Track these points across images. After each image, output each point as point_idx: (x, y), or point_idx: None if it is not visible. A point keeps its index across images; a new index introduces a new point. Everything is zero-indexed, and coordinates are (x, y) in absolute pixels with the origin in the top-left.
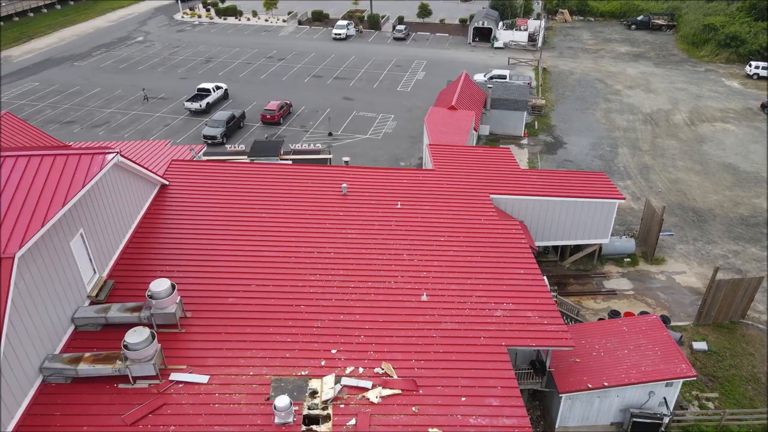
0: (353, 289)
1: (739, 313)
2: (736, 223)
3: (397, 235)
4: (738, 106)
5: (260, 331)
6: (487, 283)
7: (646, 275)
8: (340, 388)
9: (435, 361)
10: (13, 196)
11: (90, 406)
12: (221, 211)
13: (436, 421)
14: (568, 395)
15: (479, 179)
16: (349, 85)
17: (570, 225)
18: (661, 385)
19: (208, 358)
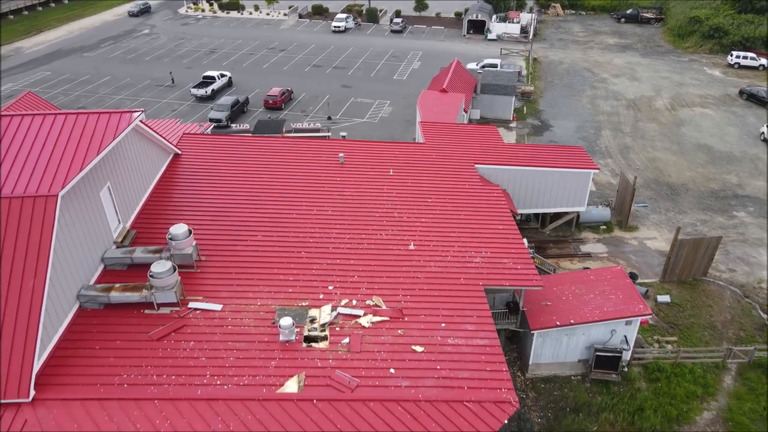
0: (348, 240)
1: (702, 271)
2: (707, 196)
3: (388, 196)
4: (717, 93)
5: (266, 271)
6: (469, 236)
7: (619, 240)
8: (336, 315)
9: (419, 296)
10: (55, 145)
11: (120, 326)
12: (230, 175)
13: (419, 341)
14: (539, 332)
15: (465, 151)
16: (348, 74)
17: (549, 193)
18: (622, 323)
19: (221, 292)
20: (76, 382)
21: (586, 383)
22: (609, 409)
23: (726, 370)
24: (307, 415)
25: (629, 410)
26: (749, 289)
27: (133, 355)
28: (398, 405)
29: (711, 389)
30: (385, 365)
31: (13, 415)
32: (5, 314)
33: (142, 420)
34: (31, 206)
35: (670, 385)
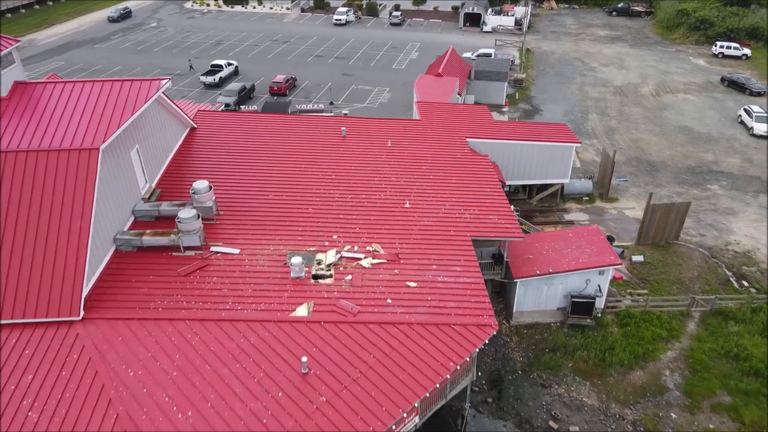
0: (350, 199)
1: (673, 235)
2: (684, 171)
3: (386, 164)
4: (700, 80)
5: (277, 224)
6: (459, 197)
7: (601, 210)
8: (340, 258)
9: (413, 245)
10: (95, 107)
11: (152, 265)
12: (243, 145)
13: (413, 279)
14: (521, 281)
15: (458, 127)
16: (349, 63)
17: (535, 165)
18: (595, 273)
19: (238, 239)
20: (117, 306)
21: (564, 329)
22: (583, 348)
23: (690, 318)
24: (316, 334)
25: (601, 349)
26: (717, 251)
27: (165, 287)
28: (394, 327)
29: (675, 333)
30: (382, 296)
31: (66, 330)
32: (57, 249)
33: (175, 335)
34: (77, 158)
35: (639, 329)
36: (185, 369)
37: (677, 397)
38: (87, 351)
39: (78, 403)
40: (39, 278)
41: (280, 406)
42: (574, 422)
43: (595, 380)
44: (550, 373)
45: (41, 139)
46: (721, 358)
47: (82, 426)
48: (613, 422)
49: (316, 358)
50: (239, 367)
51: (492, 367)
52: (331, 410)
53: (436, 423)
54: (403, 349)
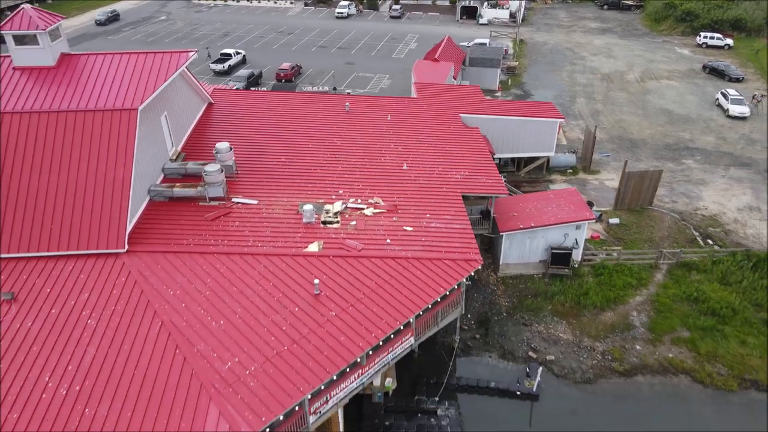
0: (354, 162)
1: (648, 201)
2: (662, 148)
3: (386, 134)
4: (684, 68)
5: (289, 181)
6: (451, 161)
7: (583, 181)
8: (345, 208)
9: (410, 198)
10: (132, 74)
11: (182, 212)
12: (257, 117)
13: (409, 224)
14: (507, 234)
15: (452, 104)
16: (350, 53)
17: (522, 139)
18: (572, 227)
19: (255, 193)
20: (155, 242)
21: (545, 279)
22: (561, 294)
23: (658, 269)
24: (325, 265)
25: (577, 294)
26: (686, 214)
27: (195, 229)
28: (393, 260)
29: (644, 281)
30: (383, 238)
31: (114, 260)
32: (105, 193)
33: (206, 265)
34: (119, 116)
35: (612, 278)
36: (216, 290)
37: (642, 332)
38: (132, 276)
39: (129, 314)
40: (90, 217)
41: (297, 317)
42: (550, 353)
43: (571, 320)
44: (531, 315)
45: (87, 101)
46: (683, 301)
47: (134, 330)
48: (585, 353)
49: (325, 283)
50: (261, 289)
51: (480, 310)
52: (339, 321)
53: (432, 354)
54: (401, 278)
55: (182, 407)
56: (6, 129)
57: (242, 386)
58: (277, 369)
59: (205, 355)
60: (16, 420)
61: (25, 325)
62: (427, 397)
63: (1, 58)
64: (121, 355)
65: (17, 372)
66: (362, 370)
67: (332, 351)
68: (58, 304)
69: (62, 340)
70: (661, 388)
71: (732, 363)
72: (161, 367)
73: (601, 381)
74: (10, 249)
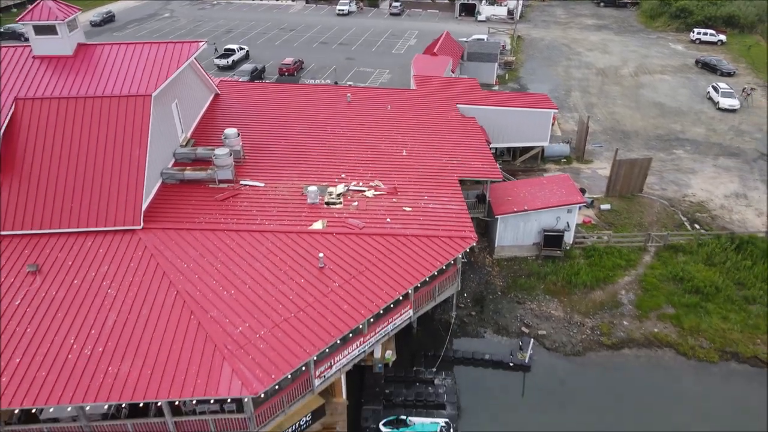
0: (355, 148)
1: (638, 188)
2: (653, 139)
3: (386, 123)
4: (677, 63)
5: (294, 166)
6: (448, 148)
7: (577, 170)
8: (347, 190)
9: (409, 182)
10: (146, 63)
11: (193, 193)
12: (262, 107)
13: (408, 205)
14: (501, 217)
15: (450, 95)
16: (351, 49)
17: (517, 129)
18: (564, 211)
19: (262, 176)
20: (169, 219)
21: (538, 260)
22: (553, 274)
23: (646, 252)
24: (329, 241)
25: (568, 274)
26: (675, 201)
27: (205, 209)
28: (393, 237)
29: (633, 262)
30: (383, 217)
31: (130, 236)
32: (121, 173)
33: (217, 240)
34: (134, 102)
35: (602, 260)
36: (226, 263)
37: (630, 309)
38: (148, 250)
39: (146, 284)
40: (107, 196)
41: (302, 288)
42: (542, 328)
43: (562, 298)
44: (525, 294)
45: (104, 88)
46: (669, 280)
47: (151, 298)
48: (575, 328)
49: (329, 258)
50: (269, 263)
51: (476, 290)
52: (343, 292)
53: (430, 330)
54: (400, 253)
55: (198, 365)
56: (28, 114)
57: (253, 348)
58: (285, 333)
59: (218, 320)
60: (45, 377)
61: (50, 294)
62: (425, 368)
63: (21, 48)
64: (140, 320)
65: (44, 334)
66: (364, 338)
67: (336, 317)
68: (80, 276)
69: (85, 307)
70: (647, 360)
71: (714, 337)
72: (177, 330)
73: (590, 354)
74: (33, 226)
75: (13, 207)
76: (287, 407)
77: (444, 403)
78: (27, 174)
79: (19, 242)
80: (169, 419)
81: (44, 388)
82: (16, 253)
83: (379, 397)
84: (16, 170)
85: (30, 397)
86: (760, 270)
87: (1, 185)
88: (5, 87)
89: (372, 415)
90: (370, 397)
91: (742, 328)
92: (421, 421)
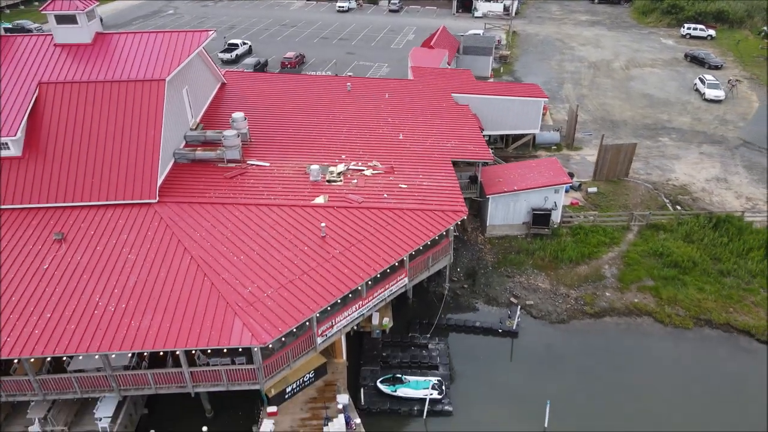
0: (355, 132)
1: (624, 172)
2: (641, 128)
3: (384, 110)
4: (667, 57)
5: (297, 148)
6: (443, 133)
7: (566, 156)
8: (347, 169)
9: (405, 163)
10: (160, 50)
11: (204, 172)
12: (266, 95)
13: (404, 182)
14: (492, 197)
15: (445, 85)
16: (351, 44)
17: (509, 117)
18: (552, 191)
19: (267, 157)
20: (182, 194)
21: (527, 239)
22: (541, 250)
23: (630, 230)
24: (330, 214)
25: (555, 250)
26: (659, 184)
27: (215, 185)
28: (390, 211)
29: (616, 240)
30: (380, 193)
31: (147, 209)
32: (138, 150)
33: (226, 213)
34: (149, 86)
35: (587, 237)
36: (236, 232)
37: (612, 282)
38: (164, 221)
39: (162, 251)
40: (126, 172)
41: (306, 254)
42: (530, 299)
43: (549, 272)
44: (514, 268)
45: (122, 73)
46: (650, 256)
47: (168, 263)
48: (560, 299)
49: (330, 228)
50: (274, 232)
51: (468, 265)
52: (343, 258)
53: (424, 301)
54: (396, 225)
55: (212, 320)
56: (51, 97)
57: (261, 305)
58: (290, 293)
59: (229, 281)
60: (74, 330)
61: (75, 259)
62: (420, 334)
63: (44, 36)
64: (158, 281)
65: (71, 294)
66: (362, 302)
67: (337, 280)
68: (101, 243)
69: (108, 270)
70: (626, 327)
71: (689, 306)
72: (192, 290)
73: (574, 321)
74: (57, 199)
75: (39, 182)
76: (292, 362)
77: (437, 364)
78: (51, 152)
79: (45, 214)
80: (186, 369)
81: (74, 339)
82: (42, 223)
83: (377, 360)
84: (41, 149)
85: (61, 345)
86: (735, 246)
87: (28, 163)
88: (30, 72)
89: (370, 375)
90: (369, 359)
91: (716, 298)
92: (416, 380)
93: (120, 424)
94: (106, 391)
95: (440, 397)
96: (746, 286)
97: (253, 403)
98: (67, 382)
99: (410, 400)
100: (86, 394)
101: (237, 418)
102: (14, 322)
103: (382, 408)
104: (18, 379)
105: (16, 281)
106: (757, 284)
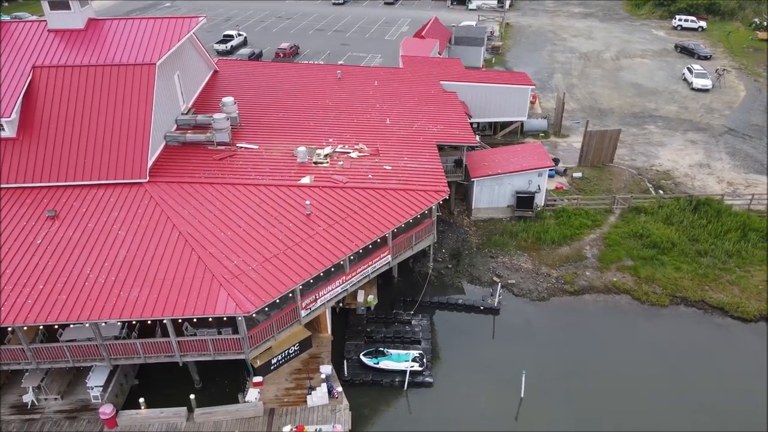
0: (343, 117)
1: (609, 158)
2: (628, 116)
3: (373, 96)
4: (657, 48)
5: (286, 132)
6: (429, 118)
7: (554, 143)
8: (334, 151)
9: (391, 146)
10: (151, 35)
11: (194, 154)
12: (258, 82)
13: (389, 164)
14: (477, 180)
15: (434, 73)
16: (346, 35)
17: (497, 105)
18: (535, 175)
19: (256, 140)
20: (172, 174)
21: (512, 221)
22: (524, 232)
23: (612, 213)
24: (315, 194)
25: (538, 232)
26: (643, 170)
27: (205, 166)
28: (374, 191)
29: (598, 222)
30: (365, 174)
31: (137, 188)
32: (128, 132)
33: (215, 192)
34: (140, 69)
35: (570, 220)
36: (223, 209)
37: (593, 262)
38: (153, 200)
39: (152, 227)
40: (117, 153)
41: (291, 231)
42: (512, 278)
43: (532, 252)
44: (498, 249)
45: (113, 57)
46: (630, 237)
47: (157, 238)
48: (542, 278)
49: (315, 207)
50: (261, 210)
51: (453, 247)
52: (327, 234)
53: (409, 280)
54: (380, 203)
55: (198, 291)
56: (45, 81)
57: (246, 277)
58: (274, 266)
59: (215, 255)
60: (65, 300)
61: (67, 235)
62: (404, 311)
63: (37, 22)
64: (147, 255)
65: (63, 266)
66: (346, 277)
67: (320, 254)
68: (93, 220)
69: (98, 245)
70: (604, 304)
71: (666, 284)
72: (180, 263)
73: (554, 299)
74: (50, 179)
75: (32, 162)
76: (276, 333)
77: (419, 339)
78: (45, 134)
79: (38, 193)
80: (173, 339)
81: (65, 308)
82: (36, 202)
83: (361, 335)
84: (35, 130)
85: (53, 314)
86: (713, 227)
87: (22, 144)
88: (24, 56)
89: (354, 348)
90: (353, 334)
91: (692, 276)
92: (397, 353)
93: (111, 392)
94: (97, 360)
95: (421, 369)
96: (722, 265)
97: (240, 375)
98: (59, 351)
99: (392, 372)
100: (78, 363)
101: (223, 388)
102: (8, 292)
103: (364, 379)
104: (12, 348)
105: (10, 255)
106: (733, 264)
